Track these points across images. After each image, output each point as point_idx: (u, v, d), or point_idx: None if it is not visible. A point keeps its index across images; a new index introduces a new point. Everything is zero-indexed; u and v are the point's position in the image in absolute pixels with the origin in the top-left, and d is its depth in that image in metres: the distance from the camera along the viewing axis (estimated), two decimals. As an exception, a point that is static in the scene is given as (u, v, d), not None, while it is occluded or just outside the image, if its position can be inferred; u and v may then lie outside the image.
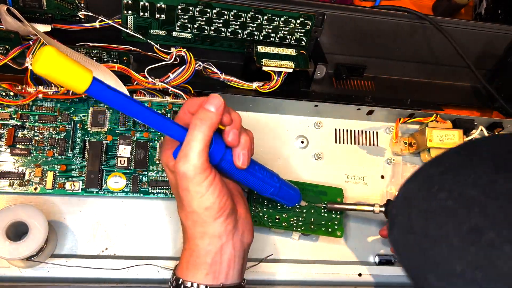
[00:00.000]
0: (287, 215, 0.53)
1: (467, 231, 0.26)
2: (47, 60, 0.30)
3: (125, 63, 0.54)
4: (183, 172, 0.37)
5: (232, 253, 0.41)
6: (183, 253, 0.42)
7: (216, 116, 0.38)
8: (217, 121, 0.38)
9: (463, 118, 0.61)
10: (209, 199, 0.38)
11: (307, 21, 0.56)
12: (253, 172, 0.44)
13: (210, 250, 0.40)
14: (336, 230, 0.54)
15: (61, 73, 0.31)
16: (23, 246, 0.43)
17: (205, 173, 0.37)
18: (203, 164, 0.37)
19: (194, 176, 0.37)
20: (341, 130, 0.61)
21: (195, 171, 0.37)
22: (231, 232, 0.41)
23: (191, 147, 0.37)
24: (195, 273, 0.40)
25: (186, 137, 0.37)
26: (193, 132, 0.37)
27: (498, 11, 0.70)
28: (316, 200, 0.54)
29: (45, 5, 0.51)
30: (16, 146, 0.51)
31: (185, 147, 0.37)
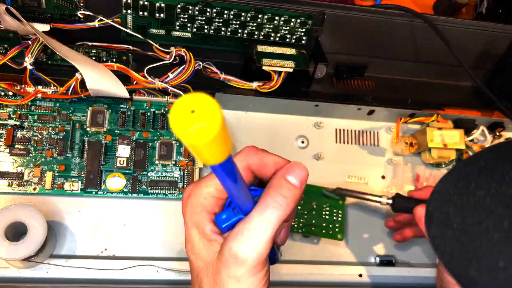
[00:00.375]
0: None
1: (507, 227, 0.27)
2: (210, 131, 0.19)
3: (125, 62, 0.54)
4: (244, 258, 0.29)
5: None
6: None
7: (300, 194, 0.30)
8: (298, 200, 0.30)
9: (464, 118, 0.61)
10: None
11: (308, 20, 0.56)
12: None
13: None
14: (337, 232, 0.54)
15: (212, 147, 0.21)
16: (22, 247, 0.43)
17: (264, 262, 0.30)
18: (267, 252, 0.30)
19: (255, 265, 0.29)
20: (341, 130, 0.61)
21: (258, 260, 0.29)
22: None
23: (263, 230, 0.29)
24: None
25: (259, 214, 0.29)
26: (272, 212, 0.29)
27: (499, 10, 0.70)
28: (318, 201, 0.54)
29: (44, 4, 0.51)
30: (15, 146, 0.50)
31: (254, 228, 0.29)
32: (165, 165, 0.53)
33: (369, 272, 0.55)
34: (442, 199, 0.32)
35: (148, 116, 0.54)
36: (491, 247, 0.27)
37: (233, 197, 0.29)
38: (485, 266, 0.27)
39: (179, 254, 0.52)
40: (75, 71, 0.50)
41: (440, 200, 0.32)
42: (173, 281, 0.50)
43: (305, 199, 0.53)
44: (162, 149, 0.53)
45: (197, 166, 0.54)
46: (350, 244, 0.57)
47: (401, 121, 0.60)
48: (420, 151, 0.61)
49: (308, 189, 0.54)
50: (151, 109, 0.55)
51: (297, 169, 0.30)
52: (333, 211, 0.54)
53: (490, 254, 0.27)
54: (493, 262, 0.27)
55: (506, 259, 0.27)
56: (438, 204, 0.32)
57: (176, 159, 0.53)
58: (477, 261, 0.27)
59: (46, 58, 0.53)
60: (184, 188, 0.53)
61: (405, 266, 0.56)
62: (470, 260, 0.28)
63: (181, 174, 0.53)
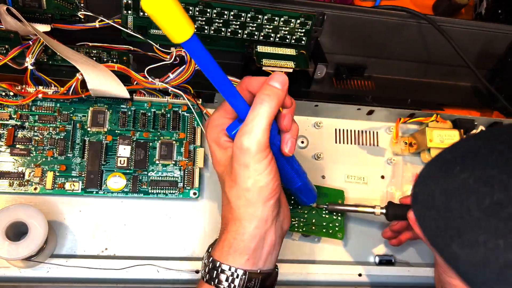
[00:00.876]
0: None
1: (488, 205, 0.29)
2: None
3: (125, 63, 0.54)
4: (246, 147, 0.36)
5: (273, 240, 0.40)
6: (224, 236, 0.40)
7: (282, 93, 0.37)
8: (283, 98, 0.37)
9: (463, 118, 0.61)
10: (265, 179, 0.38)
11: (307, 21, 0.56)
12: (292, 162, 0.44)
13: (255, 234, 0.39)
14: (337, 232, 0.54)
15: (167, 17, 0.29)
16: (23, 246, 0.43)
17: (266, 151, 0.37)
18: (266, 142, 0.37)
19: (257, 152, 0.36)
20: (341, 130, 0.61)
21: (258, 147, 0.36)
22: (275, 217, 0.40)
23: (257, 122, 0.36)
24: (236, 257, 0.39)
25: (251, 112, 0.36)
26: (260, 107, 0.36)
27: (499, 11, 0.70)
28: (317, 200, 0.54)
29: (45, 5, 0.51)
30: (16, 146, 0.51)
31: (250, 122, 0.36)
32: (165, 165, 0.53)
33: (369, 271, 0.55)
34: (427, 181, 0.34)
35: (148, 116, 0.55)
36: (472, 224, 0.29)
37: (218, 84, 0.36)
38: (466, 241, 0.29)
39: (179, 253, 0.52)
40: (76, 71, 0.50)
41: (424, 182, 0.34)
42: (174, 280, 0.50)
43: None
44: (163, 149, 0.54)
45: (197, 166, 0.54)
46: (349, 244, 0.57)
47: (401, 121, 0.60)
48: (420, 151, 0.61)
49: None
50: (152, 109, 0.55)
51: (277, 75, 0.37)
52: (333, 203, 0.54)
53: (470, 230, 0.29)
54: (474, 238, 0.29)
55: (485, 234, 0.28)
56: (423, 186, 0.34)
57: (177, 159, 0.54)
58: (458, 236, 0.29)
59: (47, 59, 0.53)
60: (185, 187, 0.53)
61: (404, 265, 0.56)
62: (452, 236, 0.30)
63: (181, 174, 0.53)
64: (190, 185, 0.53)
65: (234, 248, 0.39)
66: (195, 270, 0.50)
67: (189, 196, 0.53)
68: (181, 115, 0.56)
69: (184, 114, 0.56)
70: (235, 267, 0.38)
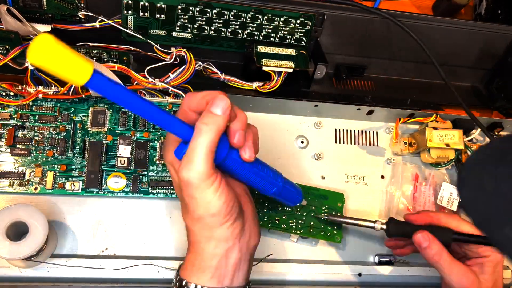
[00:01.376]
0: (286, 217, 0.53)
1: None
2: (43, 48, 0.27)
3: (125, 63, 0.54)
4: (187, 179, 0.36)
5: (238, 257, 0.40)
6: (187, 255, 0.41)
7: (222, 121, 0.36)
8: (223, 126, 0.36)
9: (463, 118, 0.61)
10: (215, 205, 0.37)
11: (307, 21, 0.56)
12: (257, 170, 0.42)
13: (216, 253, 0.39)
14: (335, 235, 0.54)
15: (58, 64, 0.28)
16: (23, 246, 0.43)
17: (210, 179, 0.36)
18: (208, 170, 0.36)
19: (199, 183, 0.36)
20: (341, 130, 0.62)
21: (200, 178, 0.36)
22: (238, 235, 0.40)
23: (196, 153, 0.35)
24: (199, 276, 0.39)
25: (190, 143, 0.36)
26: (198, 137, 0.35)
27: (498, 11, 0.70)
28: (317, 203, 0.54)
29: (45, 5, 0.51)
30: (16, 146, 0.51)
31: (190, 153, 0.36)
32: (165, 165, 0.53)
33: (369, 271, 0.55)
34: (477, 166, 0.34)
35: (148, 116, 0.55)
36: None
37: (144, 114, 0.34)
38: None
39: (179, 253, 0.52)
40: (76, 71, 0.50)
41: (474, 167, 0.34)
42: (174, 280, 0.50)
43: None
44: (163, 149, 0.54)
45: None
46: (349, 244, 0.57)
47: (400, 121, 0.60)
48: (419, 151, 0.61)
49: (307, 191, 0.54)
50: (152, 109, 0.55)
51: (218, 100, 0.36)
52: (332, 213, 0.54)
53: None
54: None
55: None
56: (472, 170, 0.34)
57: (177, 159, 0.54)
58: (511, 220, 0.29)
59: (47, 59, 0.53)
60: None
61: (404, 265, 0.56)
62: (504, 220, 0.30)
63: (182, 174, 0.53)
64: (190, 185, 0.53)
65: (197, 267, 0.40)
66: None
67: (189, 196, 0.53)
68: (181, 115, 0.56)
69: (184, 114, 0.56)
70: (200, 285, 0.39)
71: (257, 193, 0.50)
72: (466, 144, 0.60)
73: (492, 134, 0.64)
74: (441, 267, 0.46)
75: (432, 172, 0.61)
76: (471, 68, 0.68)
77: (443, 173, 0.62)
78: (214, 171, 0.37)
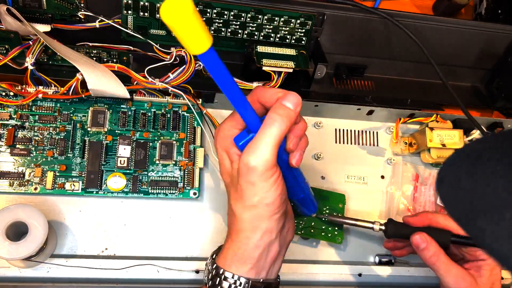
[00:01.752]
0: None
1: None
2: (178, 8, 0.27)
3: (125, 63, 0.54)
4: (253, 166, 0.36)
5: (277, 250, 0.41)
6: (229, 244, 0.41)
7: (294, 115, 0.37)
8: (294, 120, 0.37)
9: (463, 118, 0.61)
10: (272, 196, 0.38)
11: (307, 21, 0.56)
12: (296, 175, 0.44)
13: (259, 245, 0.39)
14: (336, 236, 0.54)
15: (185, 28, 0.28)
16: (23, 246, 0.43)
17: (273, 170, 0.37)
18: (273, 160, 0.37)
19: (264, 171, 0.36)
20: (341, 130, 0.61)
21: (265, 166, 0.36)
22: (280, 229, 0.41)
23: (266, 142, 0.36)
24: (239, 266, 0.39)
25: (262, 130, 0.36)
26: (271, 126, 0.36)
27: (498, 11, 0.70)
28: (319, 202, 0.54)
29: (45, 5, 0.51)
30: (16, 146, 0.51)
31: (259, 141, 0.36)
32: (165, 165, 0.53)
33: (369, 271, 0.55)
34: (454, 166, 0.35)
35: (148, 116, 0.55)
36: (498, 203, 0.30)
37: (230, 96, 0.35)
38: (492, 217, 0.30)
39: (179, 253, 0.52)
40: (76, 71, 0.50)
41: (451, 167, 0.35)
42: (174, 280, 0.50)
43: None
44: (163, 149, 0.54)
45: (197, 166, 0.54)
46: (349, 244, 0.57)
47: (401, 121, 0.60)
48: (419, 151, 0.61)
49: None
50: (152, 109, 0.55)
51: (291, 96, 0.37)
52: (332, 214, 0.54)
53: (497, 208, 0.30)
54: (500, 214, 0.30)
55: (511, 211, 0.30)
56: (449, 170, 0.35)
57: (177, 159, 0.54)
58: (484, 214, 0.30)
59: (47, 59, 0.53)
60: (185, 187, 0.53)
61: (404, 265, 0.56)
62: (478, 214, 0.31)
63: (182, 174, 0.53)
64: (190, 185, 0.53)
65: (238, 257, 0.40)
66: (195, 270, 0.50)
67: (189, 196, 0.53)
68: (181, 115, 0.56)
69: (184, 114, 0.56)
70: (238, 275, 0.39)
71: None
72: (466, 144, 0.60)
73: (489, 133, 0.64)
74: (438, 269, 0.46)
75: (432, 172, 0.61)
76: (471, 68, 0.68)
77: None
78: (276, 163, 0.38)
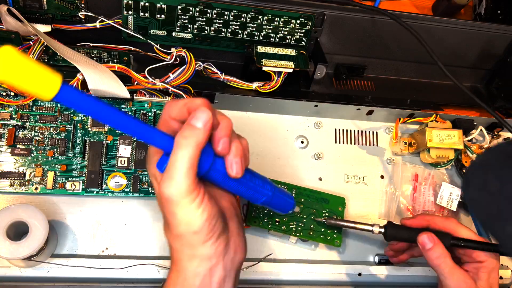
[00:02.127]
0: (287, 219, 0.53)
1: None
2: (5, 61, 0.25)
3: (126, 63, 0.55)
4: (167, 196, 0.34)
5: (222, 275, 0.38)
6: (169, 274, 0.39)
7: (203, 134, 0.34)
8: (204, 139, 0.34)
9: (462, 118, 0.61)
10: (197, 223, 0.35)
11: (307, 21, 0.56)
12: (244, 181, 0.39)
13: (199, 272, 0.37)
14: (334, 238, 0.54)
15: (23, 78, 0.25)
16: (24, 246, 0.43)
17: (192, 195, 0.34)
18: (190, 186, 0.34)
19: (180, 199, 0.34)
20: (341, 130, 0.62)
21: (181, 195, 0.34)
22: (221, 253, 0.38)
23: (176, 168, 0.33)
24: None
25: (170, 157, 0.34)
26: (178, 152, 0.33)
27: (498, 11, 0.70)
28: (318, 206, 0.54)
29: (46, 5, 0.52)
30: (17, 146, 0.51)
31: (170, 168, 0.34)
32: (165, 165, 0.53)
33: (369, 271, 0.55)
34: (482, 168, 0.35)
35: (149, 117, 0.55)
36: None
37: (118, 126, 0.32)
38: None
39: (179, 253, 0.52)
40: (77, 71, 0.50)
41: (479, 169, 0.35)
42: (174, 280, 0.50)
43: (304, 203, 0.54)
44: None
45: (198, 166, 0.54)
46: (349, 244, 0.57)
47: (400, 121, 0.60)
48: (419, 151, 0.61)
49: (308, 194, 0.54)
50: (152, 110, 0.55)
51: (199, 113, 0.34)
52: (332, 217, 0.54)
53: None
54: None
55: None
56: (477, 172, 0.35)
57: (177, 159, 0.54)
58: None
59: (48, 59, 0.53)
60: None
61: (404, 265, 0.56)
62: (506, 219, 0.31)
63: (182, 174, 0.53)
64: (190, 185, 0.53)
65: (180, 287, 0.38)
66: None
67: (189, 196, 0.53)
68: (181, 115, 0.56)
69: (185, 114, 0.56)
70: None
71: None
72: (465, 144, 0.60)
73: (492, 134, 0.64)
74: (442, 271, 0.46)
75: (432, 172, 0.61)
76: (471, 68, 0.68)
77: (442, 173, 0.62)
78: (196, 186, 0.35)
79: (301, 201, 0.54)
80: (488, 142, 0.63)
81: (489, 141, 0.63)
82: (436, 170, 0.62)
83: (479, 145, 0.64)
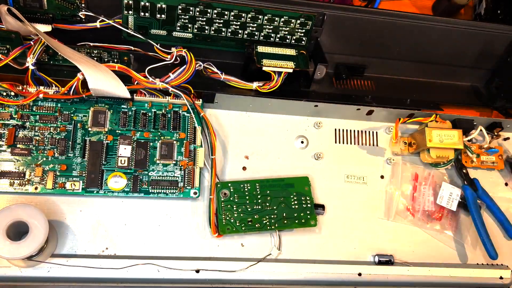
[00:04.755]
0: (258, 216, 0.53)
1: None
2: None
3: (126, 63, 0.55)
4: None
5: None
6: None
7: None
8: None
9: (462, 118, 0.61)
10: None
11: (307, 21, 0.56)
12: None
13: None
14: (309, 219, 0.54)
15: None
16: (24, 246, 0.43)
17: None
18: None
19: None
20: (341, 130, 0.62)
21: None
22: None
23: None
24: None
25: None
26: None
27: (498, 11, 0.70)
28: (284, 193, 0.54)
29: (46, 5, 0.51)
30: (17, 146, 0.51)
31: None
32: (166, 164, 0.53)
33: (368, 271, 0.55)
34: None
35: (149, 116, 0.55)
36: None
37: None
38: None
39: (179, 253, 0.52)
40: (77, 71, 0.50)
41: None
42: (174, 280, 0.50)
43: (271, 195, 0.54)
44: (163, 149, 0.54)
45: (198, 166, 0.54)
46: (349, 243, 0.57)
47: (400, 121, 0.60)
48: (419, 151, 0.61)
49: (272, 184, 0.54)
50: (152, 109, 0.55)
51: None
52: (301, 199, 0.54)
53: None
54: None
55: None
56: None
57: (177, 159, 0.54)
58: None
59: (48, 59, 0.53)
60: (185, 187, 0.53)
61: (403, 265, 0.56)
62: None
63: (182, 174, 0.53)
64: (190, 184, 0.53)
65: None
66: (196, 269, 0.50)
67: (189, 196, 0.53)
68: (181, 115, 0.56)
69: (185, 114, 0.56)
70: None
71: (223, 200, 0.52)
72: (465, 144, 0.60)
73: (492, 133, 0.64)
74: None
75: (432, 172, 0.61)
76: (471, 68, 0.68)
77: (442, 173, 0.62)
78: None
79: (267, 193, 0.54)
80: (488, 142, 0.63)
81: (489, 141, 0.63)
82: (436, 170, 0.62)
83: (479, 145, 0.64)
